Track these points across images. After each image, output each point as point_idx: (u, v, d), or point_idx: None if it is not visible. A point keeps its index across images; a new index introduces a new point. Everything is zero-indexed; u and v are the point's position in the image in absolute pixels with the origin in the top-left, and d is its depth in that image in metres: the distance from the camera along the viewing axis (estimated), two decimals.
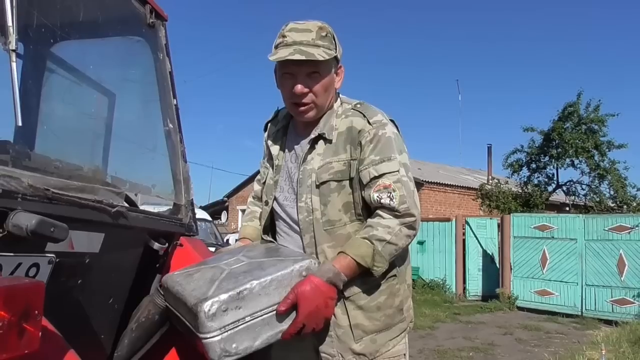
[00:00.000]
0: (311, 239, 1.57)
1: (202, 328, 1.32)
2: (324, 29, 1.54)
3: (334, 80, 1.60)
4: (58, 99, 1.92)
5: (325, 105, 1.60)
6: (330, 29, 1.56)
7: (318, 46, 1.50)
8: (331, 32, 1.56)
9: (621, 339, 6.37)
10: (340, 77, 1.63)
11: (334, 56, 1.55)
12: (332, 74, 1.58)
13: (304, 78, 1.53)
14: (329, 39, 1.54)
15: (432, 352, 6.30)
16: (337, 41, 1.58)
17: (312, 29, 1.52)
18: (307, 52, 1.48)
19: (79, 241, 1.40)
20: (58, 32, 1.54)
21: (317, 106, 1.57)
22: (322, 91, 1.55)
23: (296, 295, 1.39)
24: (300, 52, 1.47)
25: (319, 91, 1.55)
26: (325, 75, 1.54)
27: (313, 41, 1.50)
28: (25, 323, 0.86)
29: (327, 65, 1.54)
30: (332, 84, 1.59)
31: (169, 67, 1.99)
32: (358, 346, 1.54)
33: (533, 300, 9.83)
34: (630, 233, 8.67)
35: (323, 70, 1.54)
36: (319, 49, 1.50)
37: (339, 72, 1.62)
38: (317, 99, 1.55)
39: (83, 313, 1.55)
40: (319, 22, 1.56)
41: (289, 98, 1.58)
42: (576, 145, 15.10)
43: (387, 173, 1.51)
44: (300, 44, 1.49)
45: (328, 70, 1.55)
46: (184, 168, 1.96)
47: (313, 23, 1.54)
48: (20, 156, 1.36)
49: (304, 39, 1.50)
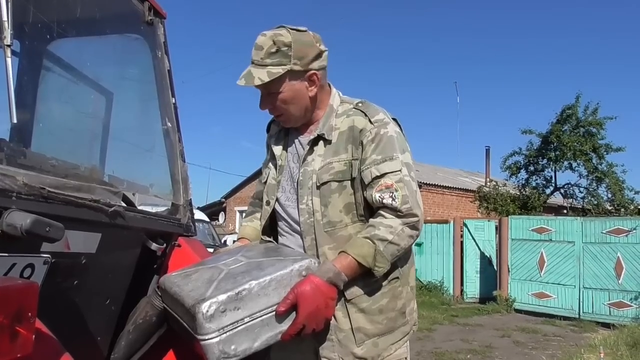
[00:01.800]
0: (312, 241, 1.55)
1: (200, 329, 1.30)
2: (276, 43, 1.48)
3: (301, 92, 1.55)
4: (55, 97, 1.89)
5: (300, 114, 1.59)
6: (287, 40, 1.49)
7: (264, 65, 1.49)
8: (287, 44, 1.49)
9: (619, 342, 6.37)
10: (316, 84, 1.56)
11: (287, 71, 1.49)
12: (292, 87, 1.53)
13: (266, 96, 1.56)
14: (281, 53, 1.49)
15: (429, 354, 6.29)
16: (297, 51, 1.50)
17: (264, 45, 1.49)
18: (250, 77, 1.50)
19: (75, 241, 1.38)
20: (55, 29, 1.52)
21: (290, 117, 1.59)
22: (284, 106, 1.55)
23: (296, 295, 1.37)
24: (246, 77, 1.50)
25: (280, 107, 1.56)
26: (282, 91, 1.53)
27: (262, 60, 1.50)
28: (18, 325, 0.84)
29: (280, 81, 1.51)
30: (298, 96, 1.55)
31: (167, 65, 1.97)
32: (360, 350, 1.51)
33: (531, 303, 9.83)
34: (628, 236, 8.68)
35: (276, 88, 1.52)
36: (263, 69, 1.49)
37: (312, 80, 1.55)
38: (286, 112, 1.57)
39: (79, 315, 1.53)
40: (276, 32, 1.51)
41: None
42: (574, 148, 15.14)
43: (389, 172, 1.49)
44: (253, 64, 1.51)
45: (281, 85, 1.52)
46: (182, 168, 1.94)
47: (270, 35, 1.50)
48: (15, 154, 1.34)
49: (255, 58, 1.51)
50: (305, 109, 1.59)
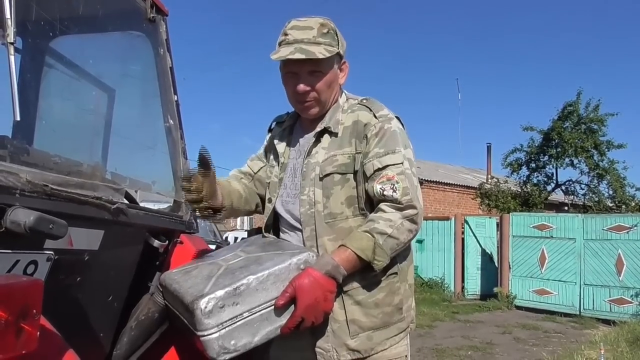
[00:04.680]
0: (312, 232, 1.55)
1: (199, 325, 1.30)
2: (325, 26, 1.53)
3: (338, 76, 1.60)
4: (57, 94, 1.90)
5: (328, 101, 1.60)
6: (332, 25, 1.56)
7: (319, 44, 1.50)
8: (333, 28, 1.55)
9: (619, 339, 6.38)
10: (345, 73, 1.63)
11: (336, 52, 1.54)
12: (334, 71, 1.58)
13: (306, 76, 1.53)
14: (331, 35, 1.54)
15: (430, 351, 6.31)
16: (340, 37, 1.58)
17: (313, 26, 1.52)
18: (307, 51, 1.48)
19: (78, 238, 1.38)
20: (57, 27, 1.52)
21: (320, 102, 1.58)
22: (324, 88, 1.56)
23: (294, 288, 1.36)
24: (301, 51, 1.48)
25: (321, 89, 1.55)
26: (327, 73, 1.55)
27: (314, 39, 1.50)
28: (23, 322, 0.85)
29: (329, 62, 1.54)
30: (336, 80, 1.60)
31: (169, 62, 1.97)
32: (353, 342, 1.51)
33: (531, 300, 9.85)
34: (629, 233, 8.69)
35: (325, 68, 1.54)
36: (319, 46, 1.50)
37: (343, 68, 1.62)
38: (320, 96, 1.56)
39: (82, 311, 1.53)
40: (321, 18, 1.55)
41: (292, 96, 1.59)
42: (575, 144, 15.12)
43: (391, 165, 1.50)
44: (302, 42, 1.49)
45: (330, 67, 1.55)
46: (184, 165, 1.94)
47: (315, 20, 1.54)
48: (18, 151, 1.34)
49: (305, 37, 1.50)
50: (332, 98, 1.61)
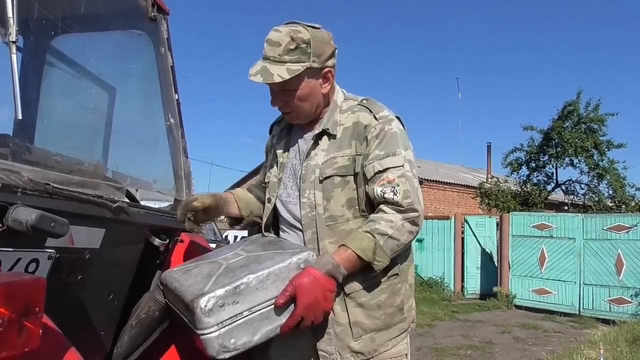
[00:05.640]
0: (313, 235, 1.55)
1: (199, 324, 1.31)
2: (295, 40, 1.46)
3: (317, 88, 1.55)
4: (58, 92, 1.90)
5: (311, 111, 1.58)
6: (305, 37, 1.48)
7: (283, 62, 1.46)
8: (306, 41, 1.48)
9: (619, 338, 6.38)
10: (329, 81, 1.57)
11: (306, 68, 1.49)
12: (310, 84, 1.53)
13: (277, 94, 1.54)
14: (300, 50, 1.47)
15: (430, 350, 6.31)
16: (316, 47, 1.49)
17: (282, 41, 1.46)
18: (267, 73, 1.46)
19: (79, 236, 1.38)
20: (59, 25, 1.52)
21: (301, 113, 1.57)
22: (298, 103, 1.54)
23: (294, 287, 1.37)
24: (262, 73, 1.47)
25: (293, 104, 1.54)
26: (298, 88, 1.51)
27: (279, 57, 1.47)
28: (26, 320, 0.85)
29: (298, 79, 1.50)
30: (313, 92, 1.55)
31: (170, 61, 1.97)
32: (356, 344, 1.51)
33: (531, 299, 9.85)
34: (629, 233, 8.69)
35: (294, 85, 1.50)
36: (282, 66, 1.46)
37: (327, 77, 1.56)
38: (298, 109, 1.56)
39: (83, 309, 1.53)
40: (295, 27, 1.49)
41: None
42: (575, 144, 15.14)
43: (392, 167, 1.49)
44: (268, 60, 1.48)
45: (300, 82, 1.51)
46: (185, 164, 1.95)
47: (287, 32, 1.47)
48: (20, 150, 1.35)
49: (272, 55, 1.47)
50: (317, 106, 1.59)
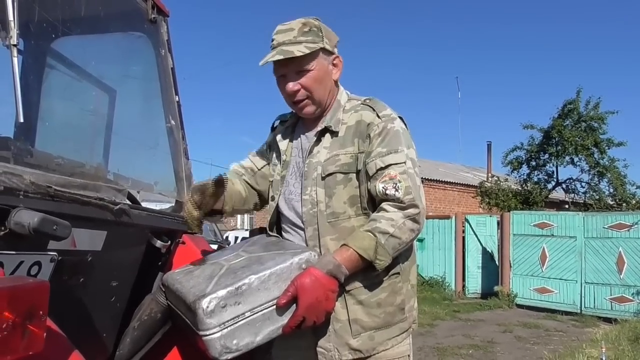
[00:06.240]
0: (314, 232, 1.56)
1: (201, 325, 1.31)
2: (307, 24, 1.55)
3: (329, 72, 1.60)
4: (59, 95, 1.90)
5: (324, 98, 1.60)
6: (316, 23, 1.57)
7: (299, 42, 1.52)
8: (317, 25, 1.56)
9: (621, 337, 6.39)
10: (339, 68, 1.64)
11: (320, 48, 1.55)
12: (324, 66, 1.58)
13: (294, 76, 1.56)
14: (313, 32, 1.55)
15: (431, 349, 6.31)
16: (326, 32, 1.58)
17: (294, 27, 1.54)
18: (286, 51, 1.50)
19: (81, 239, 1.39)
20: (59, 28, 1.52)
21: (314, 100, 1.59)
22: (314, 85, 1.56)
23: (296, 287, 1.37)
24: (280, 52, 1.51)
25: (310, 85, 1.56)
26: (314, 69, 1.56)
27: (295, 39, 1.52)
28: (30, 324, 0.85)
29: (313, 58, 1.55)
30: (327, 76, 1.60)
31: (170, 63, 1.97)
32: (355, 342, 1.52)
33: (532, 298, 9.84)
34: (630, 231, 8.68)
35: (310, 65, 1.55)
36: (300, 45, 1.51)
37: (336, 63, 1.62)
38: (312, 94, 1.57)
39: (85, 311, 1.54)
40: (304, 18, 1.57)
41: (287, 98, 1.61)
42: (576, 142, 15.11)
43: (394, 164, 1.50)
44: (283, 44, 1.52)
45: (315, 62, 1.56)
46: (186, 165, 1.95)
47: (297, 20, 1.56)
48: (21, 153, 1.35)
49: (286, 39, 1.53)
50: (328, 94, 1.62)
